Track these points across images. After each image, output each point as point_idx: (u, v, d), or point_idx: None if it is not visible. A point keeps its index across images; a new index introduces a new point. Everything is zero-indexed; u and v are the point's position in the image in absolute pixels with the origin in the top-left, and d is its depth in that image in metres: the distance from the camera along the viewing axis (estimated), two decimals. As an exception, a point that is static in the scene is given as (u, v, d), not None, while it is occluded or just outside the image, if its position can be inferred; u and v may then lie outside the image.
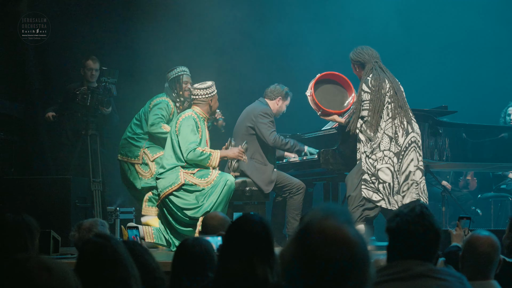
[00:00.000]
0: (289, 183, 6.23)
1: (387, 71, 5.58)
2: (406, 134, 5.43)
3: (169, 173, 5.73)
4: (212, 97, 5.92)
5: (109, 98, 6.55)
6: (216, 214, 3.67)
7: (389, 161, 5.40)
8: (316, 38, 8.41)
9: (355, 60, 5.62)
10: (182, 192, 5.67)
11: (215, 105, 5.96)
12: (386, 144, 5.41)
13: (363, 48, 5.61)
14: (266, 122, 6.20)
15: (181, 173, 5.72)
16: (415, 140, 5.46)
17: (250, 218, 2.39)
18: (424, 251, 2.29)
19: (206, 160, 5.73)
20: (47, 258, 1.43)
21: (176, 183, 5.67)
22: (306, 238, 1.39)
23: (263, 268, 2.25)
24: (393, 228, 2.32)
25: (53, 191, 6.23)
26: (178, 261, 2.72)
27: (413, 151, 5.43)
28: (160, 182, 5.75)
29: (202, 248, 2.71)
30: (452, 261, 3.45)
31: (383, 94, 5.44)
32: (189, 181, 5.69)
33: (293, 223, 6.16)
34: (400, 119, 5.44)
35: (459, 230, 3.98)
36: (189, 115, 5.83)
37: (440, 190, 7.08)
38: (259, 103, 6.40)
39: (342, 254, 1.36)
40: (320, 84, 6.06)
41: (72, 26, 7.64)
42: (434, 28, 8.94)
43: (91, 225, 3.89)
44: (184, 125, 5.76)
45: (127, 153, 6.41)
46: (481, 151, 6.47)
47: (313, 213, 1.44)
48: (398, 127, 5.43)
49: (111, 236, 2.22)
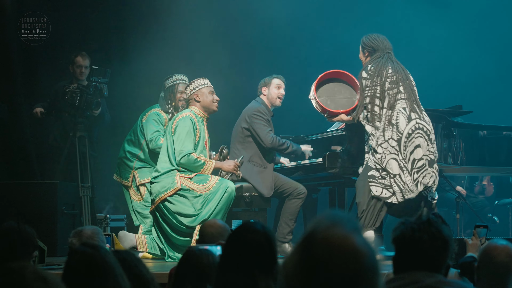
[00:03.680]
0: (289, 186, 6.20)
1: (397, 62, 5.60)
2: (408, 120, 5.44)
3: (164, 177, 5.71)
4: (198, 92, 5.89)
5: (98, 100, 6.54)
6: (215, 221, 3.66)
7: (393, 150, 5.42)
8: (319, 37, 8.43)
9: (367, 45, 5.67)
10: (178, 197, 5.65)
11: (206, 100, 5.89)
12: (388, 132, 5.45)
13: (378, 36, 5.68)
14: (261, 122, 6.20)
15: (177, 177, 5.69)
16: (421, 127, 5.45)
17: (252, 226, 2.37)
18: (431, 261, 2.28)
19: (199, 168, 5.74)
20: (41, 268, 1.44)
21: (172, 188, 5.65)
22: (310, 248, 1.39)
23: (265, 280, 2.24)
24: (397, 236, 2.31)
25: (38, 197, 6.22)
26: (182, 270, 2.72)
27: (419, 138, 5.43)
28: (155, 186, 5.72)
29: (210, 259, 2.70)
30: (468, 273, 3.44)
31: (383, 80, 5.47)
32: (186, 186, 5.67)
33: (285, 228, 6.13)
34: (401, 105, 5.46)
35: (476, 239, 3.97)
36: (187, 115, 5.81)
37: (454, 196, 7.07)
38: (254, 103, 6.42)
39: (349, 265, 1.36)
40: (323, 85, 6.06)
41: (62, 23, 7.67)
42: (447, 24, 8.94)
43: (93, 233, 3.83)
44: (181, 126, 5.74)
45: (121, 173, 6.51)
46: (498, 154, 6.46)
47: (318, 221, 1.44)
48: (399, 113, 5.45)
49: (100, 245, 2.22)
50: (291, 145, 6.31)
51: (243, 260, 2.28)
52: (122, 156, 6.51)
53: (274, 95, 6.41)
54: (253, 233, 2.34)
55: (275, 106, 6.44)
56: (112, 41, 7.96)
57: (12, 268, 1.41)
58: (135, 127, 6.51)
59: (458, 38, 8.90)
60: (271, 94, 6.41)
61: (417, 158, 5.40)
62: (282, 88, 6.44)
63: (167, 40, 7.71)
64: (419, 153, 5.41)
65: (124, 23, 8.08)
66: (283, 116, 7.23)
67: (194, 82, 5.95)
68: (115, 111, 7.36)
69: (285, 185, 6.21)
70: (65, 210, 6.28)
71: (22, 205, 6.12)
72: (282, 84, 6.44)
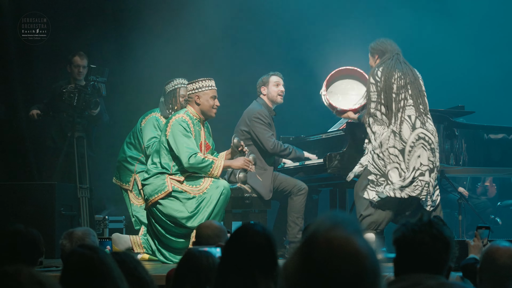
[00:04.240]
0: (288, 184, 6.19)
1: (405, 63, 5.60)
2: (412, 129, 5.44)
3: (153, 179, 5.57)
4: (200, 93, 5.64)
5: (97, 99, 6.53)
6: (211, 222, 3.66)
7: (396, 160, 5.42)
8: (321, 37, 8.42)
9: (376, 49, 5.69)
10: (169, 200, 5.51)
11: (206, 104, 5.64)
12: (391, 140, 5.44)
13: (386, 39, 5.71)
14: (261, 126, 6.18)
15: (167, 180, 5.55)
16: (423, 136, 5.44)
17: (252, 228, 2.37)
18: (433, 262, 2.28)
19: (208, 168, 5.52)
20: (37, 271, 1.43)
21: (163, 191, 5.51)
22: (311, 250, 1.39)
23: (266, 283, 2.24)
24: (398, 238, 2.31)
25: (36, 198, 6.21)
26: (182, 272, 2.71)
27: (421, 148, 5.42)
28: (146, 188, 5.60)
29: (210, 260, 2.70)
30: (470, 275, 3.44)
31: (391, 86, 5.48)
32: (178, 187, 5.54)
33: (294, 228, 6.12)
34: (408, 112, 5.46)
35: (478, 240, 3.97)
36: (180, 117, 5.60)
37: (456, 197, 7.06)
38: (255, 104, 6.42)
39: (350, 267, 1.36)
40: (336, 81, 6.09)
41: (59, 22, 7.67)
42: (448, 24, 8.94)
43: (84, 234, 3.79)
44: (175, 130, 5.54)
45: (121, 177, 6.45)
46: (500, 155, 6.46)
47: (319, 223, 1.43)
48: (403, 121, 5.45)
49: (98, 247, 2.21)
50: (294, 151, 6.29)
51: (243, 261, 2.28)
52: (122, 159, 6.45)
53: (274, 93, 6.40)
54: (253, 234, 2.34)
55: (277, 103, 6.44)
56: (111, 41, 7.95)
57: (7, 272, 1.40)
58: (134, 130, 6.46)
59: (460, 38, 8.90)
60: (271, 92, 6.40)
61: (416, 168, 5.40)
62: (281, 84, 6.44)
63: (167, 40, 7.71)
64: (418, 163, 5.41)
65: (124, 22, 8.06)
66: (284, 116, 7.22)
67: (198, 81, 5.67)
68: (113, 111, 7.35)
69: (283, 183, 6.21)
70: (63, 212, 6.26)
71: (19, 206, 6.12)
72: (280, 81, 6.44)
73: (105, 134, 7.49)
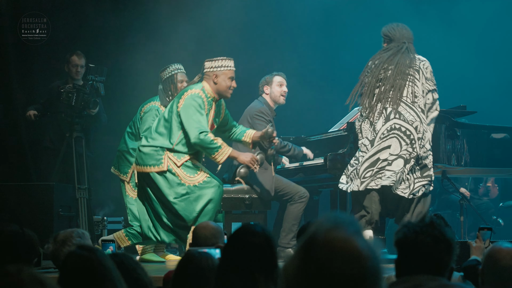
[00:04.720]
0: (291, 190, 6.17)
1: (407, 53, 5.57)
2: (386, 120, 5.45)
3: (152, 150, 5.39)
4: (218, 72, 5.47)
5: (96, 99, 6.52)
6: (208, 223, 3.67)
7: (364, 149, 5.48)
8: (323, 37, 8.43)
9: (384, 34, 5.72)
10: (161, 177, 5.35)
11: (223, 84, 5.47)
12: (366, 130, 5.51)
13: (398, 25, 5.71)
14: (263, 124, 6.18)
15: (165, 157, 5.37)
16: (398, 127, 5.42)
17: (252, 229, 2.37)
18: (435, 264, 2.28)
19: (214, 151, 5.30)
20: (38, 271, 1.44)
21: (157, 166, 5.35)
22: (312, 251, 1.38)
23: (266, 284, 2.23)
24: (400, 239, 2.31)
25: (34, 199, 6.20)
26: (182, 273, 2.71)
27: (393, 138, 5.40)
28: (141, 154, 5.42)
29: (209, 262, 2.70)
30: (471, 276, 3.44)
31: (374, 78, 5.52)
32: (172, 169, 5.36)
33: (288, 233, 6.10)
34: (385, 104, 5.47)
35: (479, 242, 3.97)
36: (196, 93, 5.39)
37: (458, 198, 7.06)
38: (256, 103, 6.42)
39: (351, 269, 1.36)
40: None
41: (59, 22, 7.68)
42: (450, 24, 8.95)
43: (65, 237, 3.70)
44: (189, 104, 5.33)
45: (119, 167, 6.43)
46: (503, 155, 6.46)
47: (319, 223, 1.43)
48: (378, 113, 5.47)
49: (96, 248, 2.21)
50: (293, 148, 6.30)
51: (243, 262, 2.28)
52: (123, 150, 6.42)
53: (277, 93, 6.41)
54: (253, 235, 2.34)
55: (279, 104, 6.44)
56: (109, 40, 7.95)
57: (9, 271, 1.40)
58: (134, 119, 6.44)
59: (461, 38, 8.90)
60: (274, 92, 6.41)
61: (381, 159, 5.40)
62: (284, 85, 6.45)
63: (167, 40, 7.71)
64: (384, 155, 5.40)
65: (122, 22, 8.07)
66: (284, 116, 7.22)
67: (218, 60, 5.52)
68: (112, 111, 7.34)
69: (286, 188, 6.17)
70: (62, 212, 6.25)
71: (17, 207, 6.11)
72: (284, 81, 6.45)
73: (103, 134, 7.48)
